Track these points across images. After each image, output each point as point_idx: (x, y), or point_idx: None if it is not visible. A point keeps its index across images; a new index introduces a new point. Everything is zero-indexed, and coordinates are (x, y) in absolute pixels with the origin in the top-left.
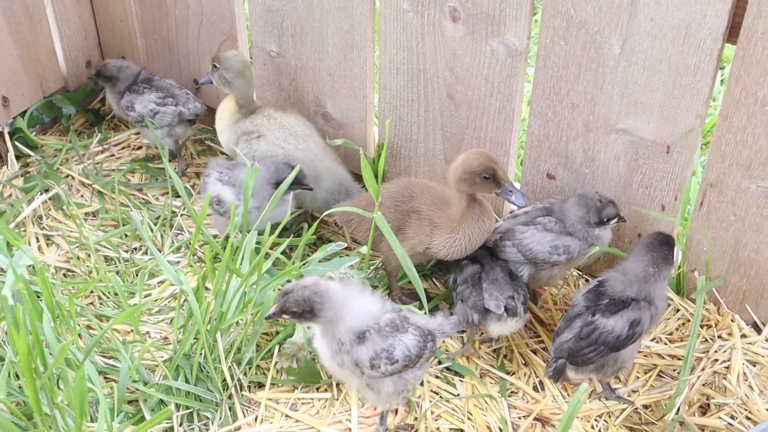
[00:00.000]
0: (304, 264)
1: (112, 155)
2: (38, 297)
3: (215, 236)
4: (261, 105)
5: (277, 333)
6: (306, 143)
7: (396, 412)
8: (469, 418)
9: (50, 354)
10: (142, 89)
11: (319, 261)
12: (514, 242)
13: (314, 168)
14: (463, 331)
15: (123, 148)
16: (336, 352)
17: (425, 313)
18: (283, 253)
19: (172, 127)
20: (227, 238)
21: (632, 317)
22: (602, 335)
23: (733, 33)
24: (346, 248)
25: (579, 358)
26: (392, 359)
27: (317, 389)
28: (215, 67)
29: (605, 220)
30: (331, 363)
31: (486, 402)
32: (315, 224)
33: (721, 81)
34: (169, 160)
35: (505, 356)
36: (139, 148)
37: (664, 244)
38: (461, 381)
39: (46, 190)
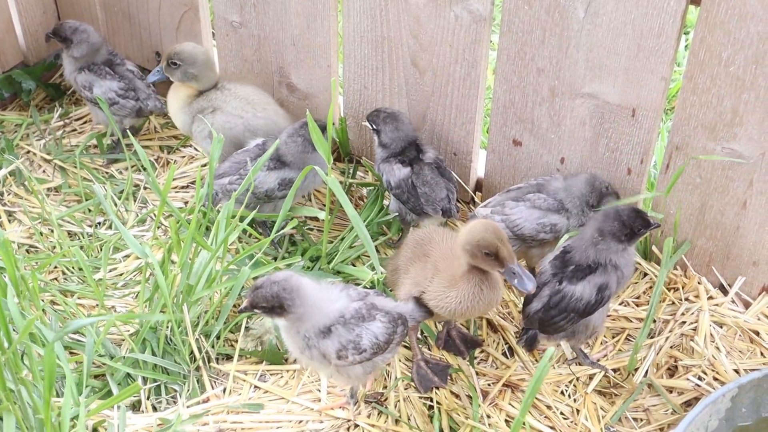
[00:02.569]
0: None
1: (74, 130)
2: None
3: (180, 209)
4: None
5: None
6: (265, 111)
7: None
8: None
9: (13, 330)
10: (105, 73)
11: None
12: (503, 217)
13: (275, 136)
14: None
15: (85, 122)
16: (304, 348)
17: (380, 273)
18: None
19: (125, 118)
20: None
21: (599, 282)
22: (571, 302)
23: None
24: None
25: (550, 327)
26: (360, 349)
27: (286, 360)
28: (175, 64)
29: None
30: (301, 357)
31: (455, 370)
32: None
33: (685, 46)
34: (116, 140)
35: (475, 323)
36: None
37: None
38: (429, 353)
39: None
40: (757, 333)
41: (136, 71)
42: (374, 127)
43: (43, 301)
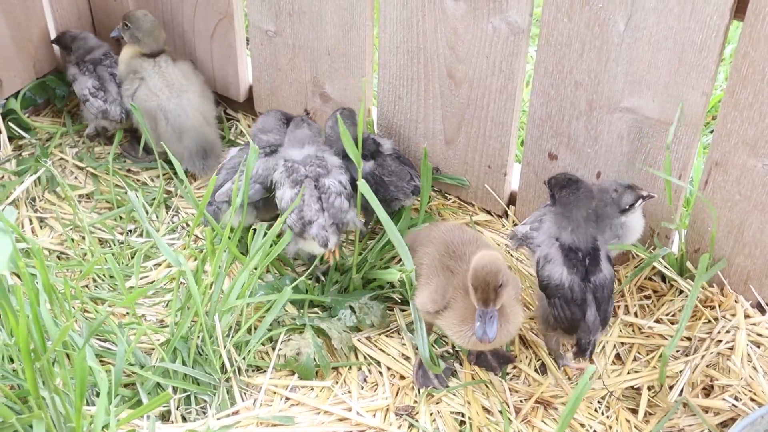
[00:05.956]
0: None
1: (107, 136)
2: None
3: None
4: (165, 50)
5: (279, 323)
6: (179, 98)
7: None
8: (469, 403)
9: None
10: (86, 69)
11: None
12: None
13: (179, 123)
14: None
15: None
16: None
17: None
18: None
19: (98, 119)
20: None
21: (606, 253)
22: (606, 289)
23: (740, 9)
24: None
25: (608, 318)
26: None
27: (317, 374)
28: (126, 26)
29: (626, 207)
30: None
31: (486, 386)
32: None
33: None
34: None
35: None
36: (135, 130)
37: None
38: (461, 369)
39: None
40: None
41: (118, 75)
42: None
43: (74, 308)
